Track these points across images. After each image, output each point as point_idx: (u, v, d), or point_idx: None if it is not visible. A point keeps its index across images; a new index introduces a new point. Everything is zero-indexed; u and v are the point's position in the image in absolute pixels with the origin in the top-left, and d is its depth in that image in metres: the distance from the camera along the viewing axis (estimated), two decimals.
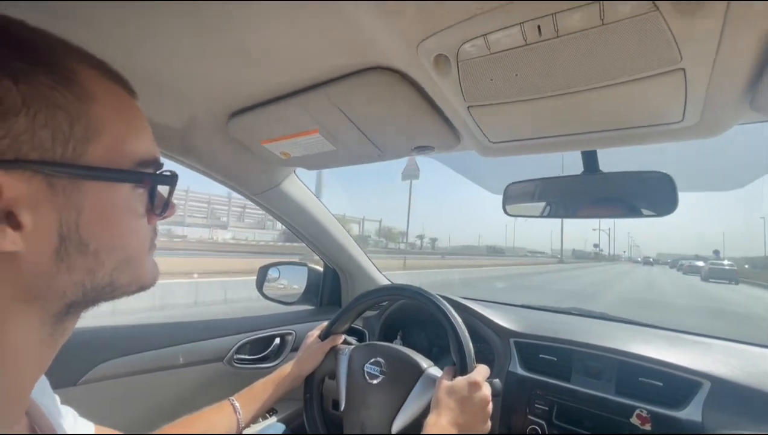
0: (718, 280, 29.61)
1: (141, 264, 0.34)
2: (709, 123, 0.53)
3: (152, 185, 0.34)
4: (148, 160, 0.33)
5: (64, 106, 0.27)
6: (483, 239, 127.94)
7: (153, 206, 0.35)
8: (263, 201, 1.08)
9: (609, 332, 0.90)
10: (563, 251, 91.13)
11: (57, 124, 0.27)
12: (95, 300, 0.32)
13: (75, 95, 0.28)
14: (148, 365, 0.87)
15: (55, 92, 0.27)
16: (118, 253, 0.31)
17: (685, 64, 0.41)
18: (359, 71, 0.58)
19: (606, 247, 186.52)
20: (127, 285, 0.33)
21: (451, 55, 0.47)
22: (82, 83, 0.29)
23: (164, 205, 0.36)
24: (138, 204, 0.33)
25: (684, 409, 0.69)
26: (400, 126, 0.69)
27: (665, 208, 0.65)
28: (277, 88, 0.65)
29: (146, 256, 0.35)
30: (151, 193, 0.34)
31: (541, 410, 0.81)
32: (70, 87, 0.28)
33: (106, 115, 0.30)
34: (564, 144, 0.66)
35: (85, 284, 0.30)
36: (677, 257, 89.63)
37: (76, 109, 0.28)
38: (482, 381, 0.63)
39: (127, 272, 0.33)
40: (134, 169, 0.32)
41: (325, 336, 0.85)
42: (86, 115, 0.28)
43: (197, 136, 0.82)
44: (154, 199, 0.34)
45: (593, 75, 0.45)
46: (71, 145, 0.27)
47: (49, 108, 0.26)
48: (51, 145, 0.26)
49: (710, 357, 0.76)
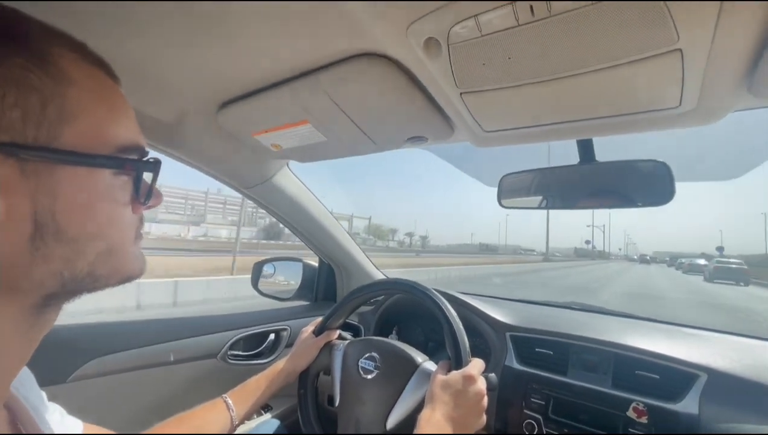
0: (724, 281, 25.43)
1: (124, 254, 0.33)
2: (707, 108, 0.52)
3: (136, 173, 0.33)
4: (131, 147, 0.32)
5: (38, 87, 0.26)
6: (476, 237, 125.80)
7: (138, 195, 0.34)
8: (256, 195, 1.07)
9: (605, 325, 0.90)
10: (553, 249, 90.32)
11: (29, 106, 0.26)
12: (75, 291, 0.31)
13: (50, 76, 0.27)
14: (140, 362, 0.85)
15: (29, 72, 0.26)
16: (98, 242, 0.30)
17: (682, 44, 0.40)
18: (349, 58, 0.56)
19: (601, 245, 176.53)
20: (108, 276, 0.32)
21: (442, 39, 0.45)
22: (58, 65, 0.28)
23: (148, 194, 0.35)
24: (120, 192, 0.32)
25: (680, 402, 0.68)
26: (393, 115, 0.68)
27: (663, 197, 0.64)
28: (267, 76, 0.64)
29: (130, 247, 0.34)
30: (135, 181, 0.33)
31: (538, 404, 0.81)
32: (45, 68, 0.27)
33: (83, 99, 0.29)
34: (559, 132, 0.64)
35: (64, 274, 0.29)
36: (675, 255, 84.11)
37: (51, 90, 0.27)
38: (477, 375, 0.62)
39: (109, 263, 0.32)
40: (115, 155, 0.31)
41: (319, 331, 0.84)
42: (61, 97, 0.27)
43: (187, 128, 0.81)
44: (138, 188, 0.33)
45: (588, 57, 0.44)
46: (44, 127, 0.26)
47: (21, 88, 0.25)
48: (22, 127, 0.25)
49: (707, 349, 0.76)
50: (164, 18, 0.50)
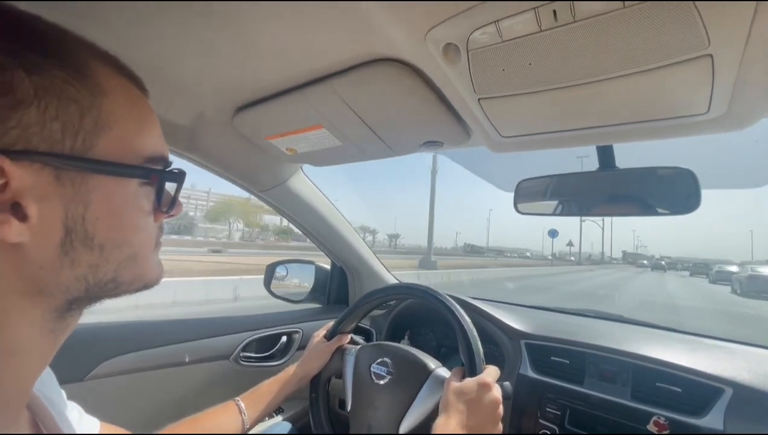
0: None
1: (146, 261, 0.34)
2: (736, 115, 0.50)
3: (160, 182, 0.34)
4: (157, 157, 0.33)
5: (76, 99, 0.27)
6: (461, 237, 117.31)
7: (160, 204, 0.35)
8: (270, 198, 1.07)
9: (624, 335, 0.87)
10: (535, 253, 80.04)
11: (68, 117, 0.27)
12: (98, 296, 0.32)
13: (87, 89, 0.28)
14: (155, 362, 0.87)
15: (68, 85, 0.27)
16: (123, 249, 0.31)
17: (713, 49, 0.38)
18: (365, 63, 0.56)
19: (594, 246, 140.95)
20: (130, 282, 0.33)
21: (461, 44, 0.44)
22: (94, 78, 0.29)
23: (171, 203, 0.36)
24: (145, 201, 0.33)
25: (704, 417, 0.66)
26: (408, 120, 0.67)
27: (686, 205, 0.62)
28: (282, 81, 0.64)
29: (151, 254, 0.35)
30: (158, 190, 0.34)
31: (553, 414, 0.79)
32: (83, 81, 0.28)
33: (116, 110, 0.30)
34: (579, 138, 0.63)
35: (89, 279, 0.30)
36: (696, 261, 62.60)
37: (88, 102, 0.28)
38: (492, 382, 0.61)
39: (131, 269, 0.33)
40: (142, 165, 0.32)
41: (331, 336, 0.84)
42: (97, 109, 0.29)
43: (204, 132, 0.82)
44: (161, 197, 0.34)
45: (613, 63, 0.42)
46: (80, 138, 0.28)
47: (61, 100, 0.26)
48: (61, 137, 0.27)
49: (732, 362, 0.73)
50: (182, 23, 0.50)
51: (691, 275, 39.85)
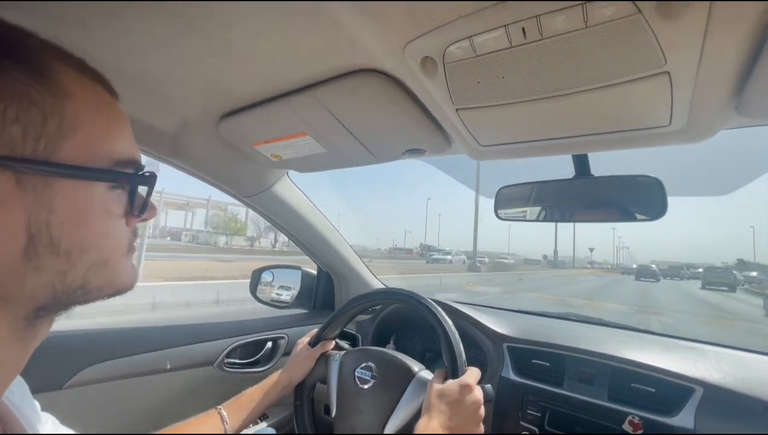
0: None
1: (117, 267, 0.33)
2: (696, 127, 0.53)
3: (131, 186, 0.33)
4: (127, 161, 0.33)
5: (38, 102, 0.27)
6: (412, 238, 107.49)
7: (132, 208, 0.34)
8: (256, 203, 1.07)
9: (603, 338, 0.90)
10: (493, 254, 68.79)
11: (29, 120, 0.26)
12: (67, 303, 0.31)
13: (50, 91, 0.27)
14: (136, 369, 0.85)
15: (29, 87, 0.26)
16: (91, 254, 0.31)
17: (669, 67, 0.41)
18: (348, 73, 0.58)
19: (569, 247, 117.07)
20: (100, 288, 0.32)
21: (438, 58, 0.46)
22: (58, 80, 0.28)
23: (143, 207, 0.35)
24: (115, 205, 0.32)
25: (676, 416, 0.68)
26: (390, 129, 0.69)
27: (655, 212, 0.65)
28: (266, 89, 0.65)
29: (123, 259, 0.34)
30: (130, 194, 0.33)
31: (533, 416, 0.81)
32: (45, 83, 0.27)
33: (82, 113, 0.29)
34: (554, 147, 0.65)
35: (56, 286, 0.29)
36: (715, 267, 34.01)
37: (51, 105, 0.27)
38: (474, 384, 0.62)
39: (101, 275, 0.32)
40: (111, 168, 0.31)
41: (315, 342, 0.84)
42: (61, 112, 0.28)
43: (188, 138, 0.82)
44: (133, 201, 0.34)
45: (579, 78, 0.45)
46: (43, 141, 0.27)
47: (22, 103, 0.26)
48: (21, 140, 0.26)
49: (703, 363, 0.76)
50: (166, 30, 0.51)
51: (704, 288, 23.63)
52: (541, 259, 77.39)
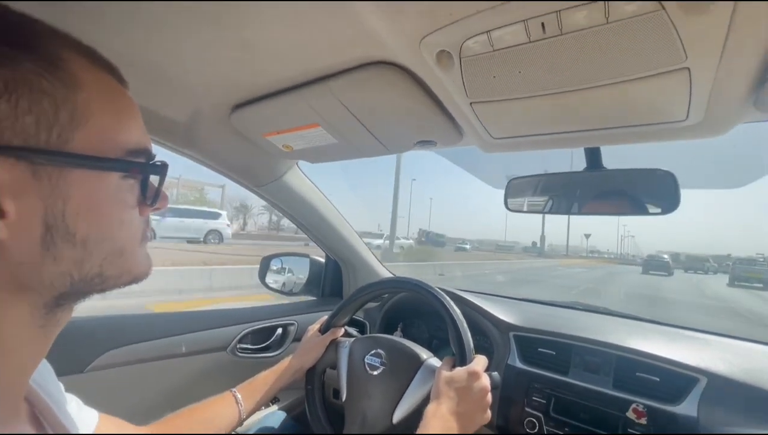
0: None
1: (132, 255, 0.34)
2: (713, 122, 0.53)
3: (144, 176, 0.34)
4: (138, 150, 0.33)
5: (50, 92, 0.27)
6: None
7: (145, 197, 0.34)
8: (266, 193, 1.08)
9: (609, 327, 0.91)
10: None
11: (41, 110, 0.26)
12: (85, 291, 0.32)
13: (61, 81, 0.27)
14: (153, 354, 0.88)
15: (41, 78, 0.26)
16: (107, 243, 0.31)
17: (690, 63, 0.41)
18: (362, 65, 0.57)
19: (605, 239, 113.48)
20: (118, 276, 0.33)
21: (454, 52, 0.46)
22: (69, 70, 0.28)
23: (155, 196, 0.36)
24: (128, 194, 0.33)
25: (680, 404, 0.69)
26: (403, 121, 0.69)
27: (668, 205, 0.65)
28: (280, 81, 0.65)
29: (138, 248, 0.35)
30: (142, 184, 0.34)
31: (539, 403, 0.83)
32: (57, 73, 0.27)
33: (93, 103, 0.29)
34: (567, 140, 0.65)
35: (73, 275, 0.29)
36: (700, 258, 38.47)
37: (63, 95, 0.27)
38: (481, 371, 0.64)
39: (118, 264, 0.32)
40: (123, 158, 0.31)
41: (325, 329, 0.86)
42: (73, 102, 0.28)
43: (200, 128, 0.82)
44: (145, 190, 0.34)
45: (597, 73, 0.45)
46: (56, 131, 0.27)
47: (34, 94, 0.26)
48: (35, 131, 0.26)
49: (707, 353, 0.76)
50: (179, 20, 0.50)
51: (732, 285, 19.57)
52: (530, 245, 73.01)
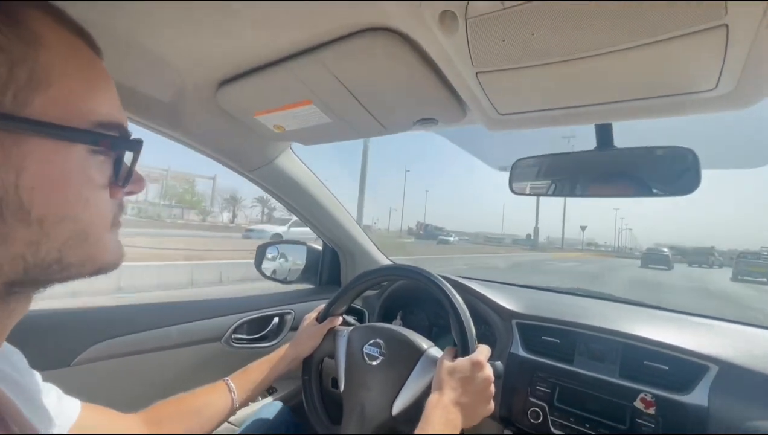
0: None
1: (99, 241, 0.30)
2: (745, 92, 0.48)
3: (117, 154, 0.30)
4: (110, 123, 0.29)
5: (5, 47, 0.24)
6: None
7: (117, 178, 0.31)
8: (258, 178, 1.04)
9: (614, 314, 0.88)
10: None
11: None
12: (43, 279, 0.28)
13: (19, 37, 0.24)
14: (144, 345, 0.85)
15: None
16: (68, 225, 0.28)
17: (729, 19, 0.36)
18: (355, 33, 0.52)
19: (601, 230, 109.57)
20: (80, 264, 0.30)
21: (459, 12, 0.41)
22: (30, 26, 0.25)
23: (127, 176, 0.32)
24: (97, 172, 0.29)
25: (689, 393, 0.67)
26: (402, 96, 0.64)
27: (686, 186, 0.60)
28: (267, 53, 0.60)
29: (106, 234, 0.32)
30: (116, 163, 0.30)
31: (543, 392, 0.80)
32: (15, 28, 0.24)
33: (58, 65, 0.26)
34: (578, 116, 0.61)
35: (27, 259, 0.26)
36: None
37: (20, 51, 0.24)
38: (485, 361, 0.62)
39: (81, 250, 0.29)
40: (90, 129, 0.28)
41: (323, 318, 0.84)
42: (32, 61, 0.25)
43: (185, 107, 0.77)
44: (119, 170, 0.31)
45: (623, 33, 0.40)
46: (10, 93, 0.24)
47: None
48: None
49: (718, 340, 0.74)
50: None
51: (736, 279, 18.56)
52: (525, 238, 71.91)
